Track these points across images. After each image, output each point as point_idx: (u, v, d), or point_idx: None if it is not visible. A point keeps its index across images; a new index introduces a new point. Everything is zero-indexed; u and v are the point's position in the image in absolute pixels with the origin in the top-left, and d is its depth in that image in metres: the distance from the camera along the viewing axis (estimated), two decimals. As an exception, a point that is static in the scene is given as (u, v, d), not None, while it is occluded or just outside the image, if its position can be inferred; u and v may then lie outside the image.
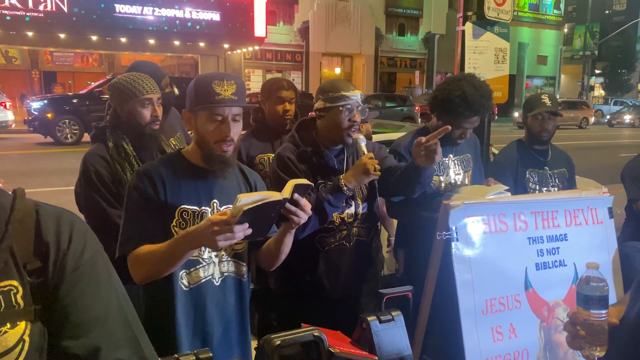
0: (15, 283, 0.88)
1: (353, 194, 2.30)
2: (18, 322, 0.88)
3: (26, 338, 0.88)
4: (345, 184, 2.15)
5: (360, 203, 2.35)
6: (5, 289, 0.87)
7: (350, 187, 2.16)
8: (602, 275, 1.34)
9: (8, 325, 0.87)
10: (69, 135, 14.28)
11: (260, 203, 1.43)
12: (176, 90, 2.89)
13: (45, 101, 14.86)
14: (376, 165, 2.13)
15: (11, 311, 0.87)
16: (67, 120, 14.23)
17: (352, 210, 2.33)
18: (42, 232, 0.93)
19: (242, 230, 1.47)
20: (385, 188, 2.32)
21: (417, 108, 21.68)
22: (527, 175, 3.09)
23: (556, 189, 3.13)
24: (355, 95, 2.23)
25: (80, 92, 16.15)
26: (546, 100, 3.09)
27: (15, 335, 0.87)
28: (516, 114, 25.22)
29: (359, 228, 2.37)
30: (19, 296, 0.88)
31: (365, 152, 2.20)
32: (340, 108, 2.21)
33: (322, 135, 2.32)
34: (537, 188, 3.08)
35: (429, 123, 2.78)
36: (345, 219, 2.33)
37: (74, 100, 14.89)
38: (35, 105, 14.64)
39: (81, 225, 0.99)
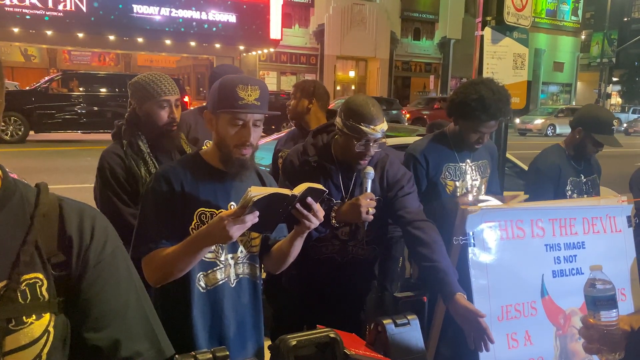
0: (40, 276, 0.90)
1: None
2: (43, 314, 0.90)
3: (51, 329, 0.90)
4: (335, 219, 2.17)
5: (362, 226, 2.25)
6: (31, 282, 0.89)
7: (337, 224, 2.19)
8: (607, 277, 1.31)
9: (34, 316, 0.89)
10: (14, 132, 13.53)
11: (268, 194, 1.48)
12: None
13: None
14: (370, 209, 2.10)
15: (37, 303, 0.89)
16: (9, 118, 13.38)
17: (347, 229, 2.30)
18: (66, 227, 0.94)
19: (252, 219, 1.51)
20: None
21: (403, 112, 21.66)
22: (568, 185, 3.07)
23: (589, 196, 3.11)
24: (374, 134, 2.10)
25: (26, 88, 15.54)
26: (616, 126, 3.11)
27: (40, 326, 0.89)
28: (517, 120, 24.92)
29: (357, 248, 2.34)
30: (43, 289, 0.90)
31: (368, 190, 2.16)
32: (355, 141, 2.13)
33: (336, 150, 2.29)
34: (576, 196, 3.06)
35: (446, 128, 2.76)
36: (340, 235, 2.30)
37: (19, 97, 14.02)
38: None
39: (102, 220, 1.01)
